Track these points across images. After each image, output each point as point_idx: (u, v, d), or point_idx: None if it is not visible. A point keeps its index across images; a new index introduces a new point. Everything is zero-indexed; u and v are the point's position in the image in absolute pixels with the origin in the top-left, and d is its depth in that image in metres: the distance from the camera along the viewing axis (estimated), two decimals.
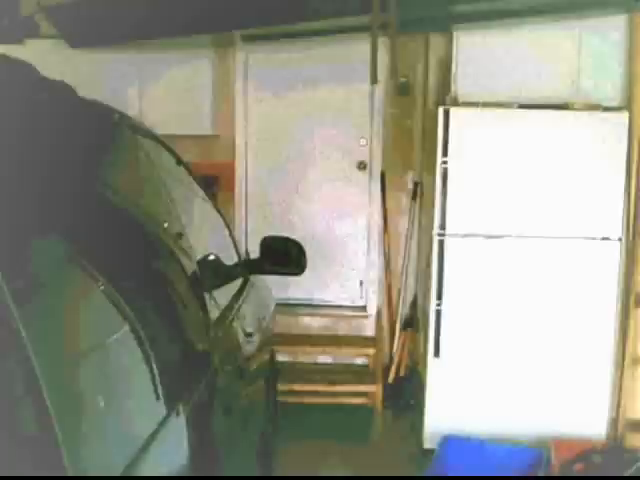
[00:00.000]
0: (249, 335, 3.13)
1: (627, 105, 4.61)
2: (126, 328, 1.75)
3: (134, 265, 2.00)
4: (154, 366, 1.81)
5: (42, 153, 1.65)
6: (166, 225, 2.34)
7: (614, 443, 4.61)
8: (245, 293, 3.26)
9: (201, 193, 3.21)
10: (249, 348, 3.15)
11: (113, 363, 1.69)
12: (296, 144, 5.86)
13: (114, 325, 1.72)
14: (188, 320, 2.35)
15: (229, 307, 2.92)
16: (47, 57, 4.79)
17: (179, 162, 2.95)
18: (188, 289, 2.39)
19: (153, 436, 1.71)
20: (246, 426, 2.96)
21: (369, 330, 5.95)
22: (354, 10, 3.60)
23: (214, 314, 2.60)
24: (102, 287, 1.71)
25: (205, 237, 3.11)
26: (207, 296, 2.54)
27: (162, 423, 1.79)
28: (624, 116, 4.52)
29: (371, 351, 5.72)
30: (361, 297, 6.01)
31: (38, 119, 1.70)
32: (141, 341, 1.78)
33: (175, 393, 1.92)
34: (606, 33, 4.66)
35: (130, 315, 1.77)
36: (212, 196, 3.73)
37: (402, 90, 5.67)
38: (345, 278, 5.99)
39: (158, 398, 1.82)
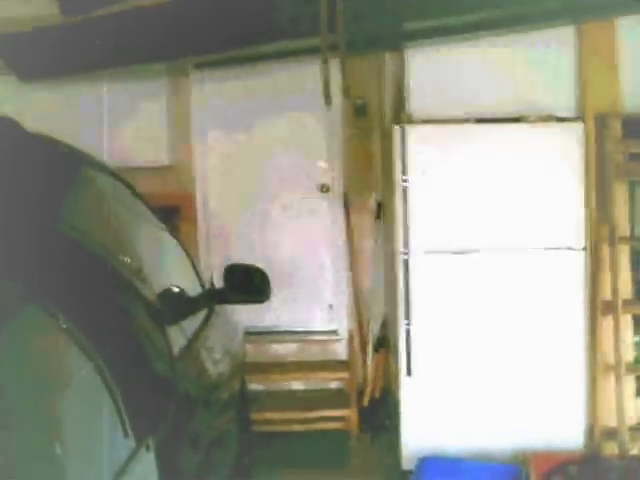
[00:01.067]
0: (217, 365, 3.09)
1: (581, 115, 4.66)
2: (90, 365, 1.72)
3: (94, 302, 1.97)
4: (120, 402, 1.77)
5: None
6: (126, 260, 2.31)
7: (591, 452, 4.60)
8: (211, 323, 3.22)
9: (160, 225, 3.18)
10: (218, 378, 3.11)
11: (78, 401, 1.65)
12: (256, 170, 5.84)
13: (78, 363, 1.69)
14: (152, 354, 2.31)
15: (195, 338, 2.88)
16: None
17: (135, 194, 2.91)
18: (150, 323, 2.35)
19: (122, 472, 1.67)
20: (220, 458, 2.91)
21: (341, 354, 5.91)
22: (304, 32, 3.60)
23: (180, 346, 2.56)
24: (64, 326, 1.67)
25: (167, 269, 3.07)
26: (171, 328, 2.50)
27: (130, 458, 1.75)
28: (579, 126, 4.56)
29: (344, 375, 5.68)
30: (331, 321, 5.97)
31: None
32: (105, 378, 1.74)
33: (142, 428, 1.88)
34: (556, 44, 4.70)
35: (94, 352, 1.73)
36: (173, 227, 3.69)
37: (359, 111, 5.69)
38: (314, 302, 5.95)
39: (126, 433, 1.78)
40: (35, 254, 1.70)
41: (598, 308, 4.63)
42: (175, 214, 5.53)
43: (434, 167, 4.52)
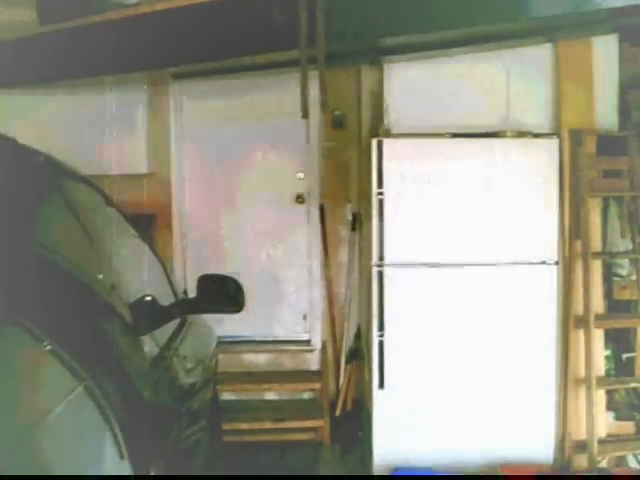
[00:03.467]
0: (189, 374, 3.08)
1: (556, 131, 4.71)
2: (77, 384, 1.72)
3: (72, 322, 1.96)
4: (114, 424, 1.78)
5: None
6: (99, 276, 2.30)
7: (561, 465, 4.64)
8: (183, 332, 3.22)
9: (134, 233, 3.17)
10: (190, 388, 3.10)
11: (69, 424, 1.64)
12: (233, 180, 5.84)
13: (68, 385, 1.68)
14: (131, 371, 2.31)
15: (167, 347, 2.87)
16: None
17: (109, 203, 2.91)
18: (125, 338, 2.35)
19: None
20: (190, 469, 2.90)
21: (314, 364, 5.92)
22: (283, 45, 3.61)
23: (152, 355, 2.56)
24: (48, 347, 1.67)
25: (140, 278, 3.06)
26: (144, 338, 2.50)
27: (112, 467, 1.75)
28: (554, 142, 4.61)
29: (317, 385, 5.69)
30: (305, 331, 5.98)
31: None
32: (97, 399, 1.75)
33: (138, 449, 1.88)
34: (533, 61, 4.76)
35: (82, 373, 1.73)
36: (148, 236, 3.69)
37: (337, 123, 5.72)
38: (288, 313, 5.96)
39: (121, 455, 1.78)
40: (11, 276, 1.69)
41: (570, 322, 4.68)
42: (151, 222, 5.52)
43: (410, 180, 4.55)
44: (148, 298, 2.76)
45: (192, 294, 3.41)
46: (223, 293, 3.23)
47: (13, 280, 1.69)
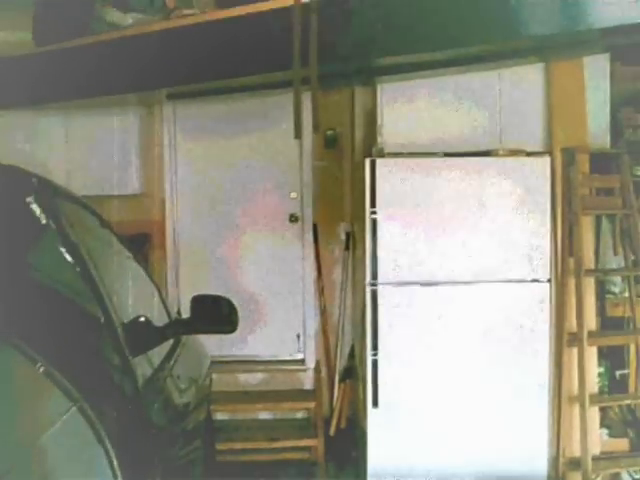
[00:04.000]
0: (183, 394, 3.08)
1: (549, 150, 4.74)
2: (71, 405, 1.72)
3: (65, 343, 1.96)
4: (107, 444, 1.77)
5: None
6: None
7: None
8: (177, 353, 3.21)
9: (128, 254, 3.17)
10: (183, 408, 3.10)
11: (63, 444, 1.64)
12: (226, 200, 5.85)
13: (61, 406, 1.68)
14: (122, 387, 2.31)
15: (160, 368, 2.87)
16: None
17: (103, 224, 2.91)
18: (118, 359, 2.35)
19: None
20: None
21: (308, 383, 5.90)
22: (277, 66, 3.63)
23: (145, 376, 2.56)
24: (42, 369, 1.67)
25: (134, 299, 3.06)
26: (138, 359, 2.49)
27: None
28: (546, 160, 4.63)
29: (311, 405, 5.67)
30: (299, 350, 5.97)
31: None
32: (90, 419, 1.74)
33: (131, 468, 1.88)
34: (526, 81, 4.80)
35: (75, 394, 1.73)
36: (142, 256, 3.69)
37: (329, 142, 5.73)
38: (282, 332, 5.94)
39: (115, 475, 1.78)
40: (4, 297, 1.70)
41: (563, 339, 4.69)
42: (145, 242, 5.52)
43: (403, 200, 4.56)
44: (142, 319, 2.76)
45: (186, 314, 3.41)
46: (217, 313, 3.22)
47: (6, 301, 1.69)
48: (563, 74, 4.76)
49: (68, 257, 2.26)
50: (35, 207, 2.12)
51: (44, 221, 2.20)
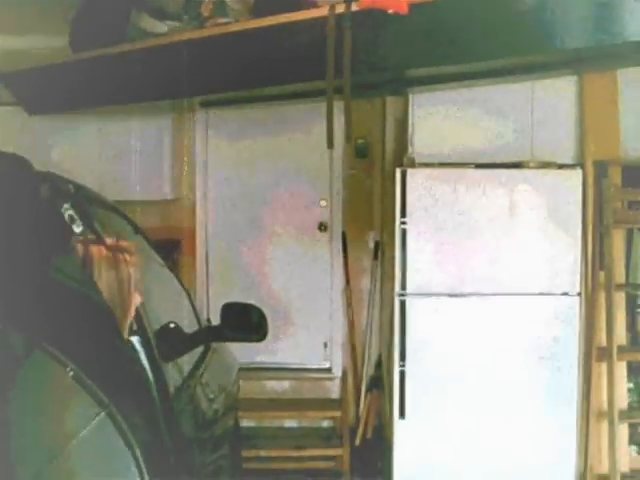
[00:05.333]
0: (212, 402, 3.09)
1: (581, 162, 4.71)
2: (100, 410, 1.73)
3: (95, 347, 1.98)
4: (136, 450, 1.78)
5: None
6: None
7: None
8: (207, 360, 3.23)
9: (160, 261, 3.20)
10: (212, 415, 3.11)
11: (92, 449, 1.65)
12: (256, 207, 5.87)
13: (90, 411, 1.69)
14: (152, 394, 2.32)
15: (191, 375, 2.89)
16: (6, 124, 4.85)
17: (137, 231, 2.94)
18: (149, 362, 2.36)
19: None
20: None
21: (335, 392, 5.90)
22: (310, 75, 3.64)
23: (176, 384, 2.57)
24: (71, 373, 1.68)
25: (165, 305, 3.08)
26: (168, 365, 2.51)
27: None
28: (578, 173, 4.61)
29: (337, 414, 5.66)
30: (326, 359, 5.97)
31: None
32: (119, 425, 1.75)
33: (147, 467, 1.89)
34: (558, 92, 4.77)
35: (102, 397, 1.74)
36: (172, 263, 3.71)
37: (360, 152, 5.74)
38: (309, 340, 5.95)
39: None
40: (34, 301, 1.71)
41: (593, 354, 4.65)
42: (176, 248, 5.55)
43: (433, 210, 4.56)
44: (172, 325, 2.78)
45: (215, 321, 3.43)
46: (247, 321, 3.24)
47: (36, 306, 1.71)
48: (596, 86, 4.73)
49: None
50: (71, 214, 2.15)
51: (79, 228, 2.23)
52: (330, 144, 3.43)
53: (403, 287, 4.59)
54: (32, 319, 1.65)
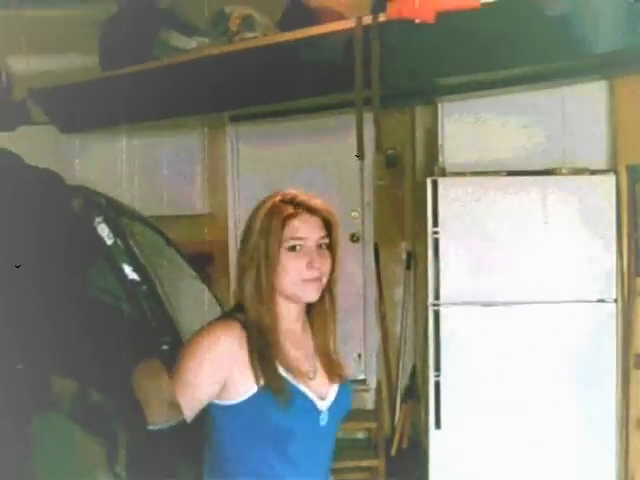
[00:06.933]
0: None
1: (613, 167, 4.67)
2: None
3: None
4: None
5: (30, 249, 1.66)
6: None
7: None
8: None
9: (192, 273, 3.21)
10: None
11: None
12: None
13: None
14: None
15: None
16: (38, 143, 4.91)
17: (169, 243, 2.96)
18: None
19: None
20: None
21: (370, 403, 5.88)
22: (339, 87, 3.66)
23: None
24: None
25: (197, 317, 3.09)
26: None
27: None
28: (611, 178, 4.57)
29: (372, 425, 5.64)
30: (360, 370, 5.95)
31: (23, 207, 1.71)
32: None
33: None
34: (590, 98, 4.73)
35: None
36: (206, 276, 3.73)
37: (390, 162, 5.73)
38: (343, 352, 5.87)
39: None
40: (68, 316, 1.73)
41: (630, 361, 4.59)
42: (209, 262, 5.58)
43: (465, 219, 4.54)
44: None
45: None
46: None
47: (70, 320, 1.72)
48: (627, 90, 4.67)
49: (135, 276, 2.29)
50: (104, 227, 2.17)
51: (111, 241, 2.24)
52: (361, 155, 3.44)
53: (437, 297, 4.57)
54: (67, 335, 1.65)
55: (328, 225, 2.09)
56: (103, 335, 1.90)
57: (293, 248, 1.98)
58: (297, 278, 1.97)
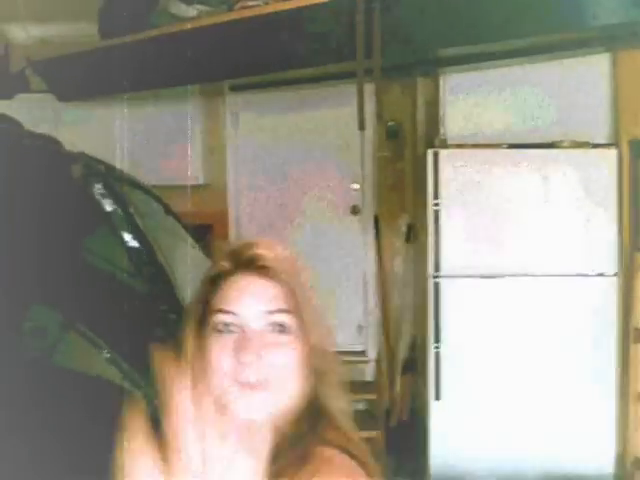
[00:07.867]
0: None
1: (615, 141, 4.64)
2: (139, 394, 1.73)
3: (129, 331, 1.99)
4: None
5: (28, 214, 1.65)
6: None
7: None
8: None
9: (192, 242, 3.21)
10: None
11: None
12: (288, 191, 5.87)
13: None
14: None
15: None
16: (36, 111, 4.89)
17: (167, 211, 2.95)
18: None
19: None
20: None
21: (369, 375, 5.89)
22: (340, 57, 3.64)
23: None
24: (107, 355, 1.69)
25: (195, 285, 3.09)
26: None
27: None
28: (613, 152, 4.55)
29: (372, 396, 5.66)
30: (360, 342, 5.96)
31: (22, 172, 1.70)
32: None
33: None
34: (591, 71, 4.70)
35: (138, 379, 1.75)
36: (205, 244, 3.72)
37: (391, 133, 5.70)
38: (343, 323, 5.93)
39: None
40: (68, 282, 1.72)
41: (630, 335, 4.60)
42: (208, 232, 5.57)
43: (466, 191, 4.53)
44: None
45: None
46: None
47: (68, 285, 1.71)
48: (631, 63, 4.65)
49: (135, 243, 2.29)
50: (103, 193, 2.16)
51: (110, 207, 2.23)
52: (361, 125, 3.43)
53: (437, 269, 4.57)
54: (65, 299, 1.65)
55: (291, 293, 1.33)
56: (104, 303, 1.90)
57: (218, 329, 1.27)
58: (228, 380, 1.25)
